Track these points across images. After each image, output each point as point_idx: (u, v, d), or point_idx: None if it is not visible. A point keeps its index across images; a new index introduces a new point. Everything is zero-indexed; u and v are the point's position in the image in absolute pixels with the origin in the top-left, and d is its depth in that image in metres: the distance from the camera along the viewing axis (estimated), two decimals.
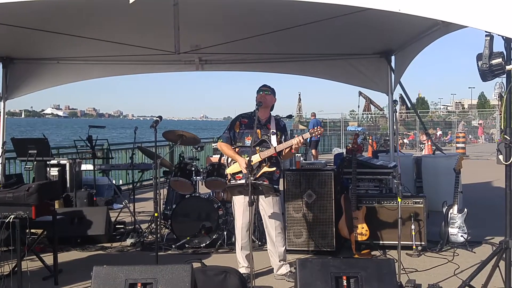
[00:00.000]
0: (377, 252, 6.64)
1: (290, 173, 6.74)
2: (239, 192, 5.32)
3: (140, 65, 9.10)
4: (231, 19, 6.80)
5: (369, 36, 7.49)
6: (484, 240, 7.12)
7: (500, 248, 4.59)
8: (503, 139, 4.53)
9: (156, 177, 6.03)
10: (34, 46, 7.88)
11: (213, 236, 6.97)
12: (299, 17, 6.36)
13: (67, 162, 9.87)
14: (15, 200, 5.08)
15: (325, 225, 6.59)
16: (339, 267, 4.22)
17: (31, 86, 8.93)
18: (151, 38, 7.43)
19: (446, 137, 34.44)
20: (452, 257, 6.42)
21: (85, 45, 7.59)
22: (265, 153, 5.60)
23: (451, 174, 7.10)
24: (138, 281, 4.01)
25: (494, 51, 4.21)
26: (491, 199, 10.39)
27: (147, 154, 8.91)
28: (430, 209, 7.18)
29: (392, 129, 9.09)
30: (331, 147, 29.21)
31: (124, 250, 7.03)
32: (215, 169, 7.20)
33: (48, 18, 6.40)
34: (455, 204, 6.89)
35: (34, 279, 5.31)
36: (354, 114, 47.36)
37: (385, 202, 6.78)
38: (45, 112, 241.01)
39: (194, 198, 7.29)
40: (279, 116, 6.22)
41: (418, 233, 6.63)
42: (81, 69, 9.05)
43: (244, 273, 5.43)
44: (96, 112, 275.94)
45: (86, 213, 7.37)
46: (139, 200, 10.14)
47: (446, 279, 5.53)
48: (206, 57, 8.70)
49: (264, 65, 9.20)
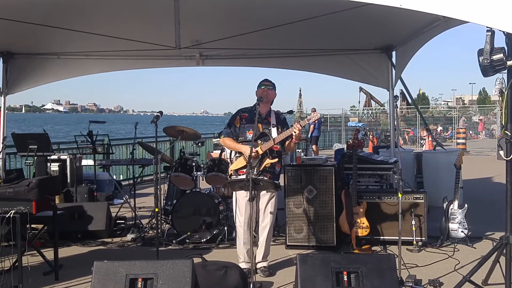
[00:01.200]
0: (377, 248, 6.64)
1: (290, 168, 6.73)
2: (239, 187, 5.32)
3: (140, 60, 9.10)
4: (231, 14, 6.78)
5: (370, 31, 7.48)
6: (484, 236, 7.12)
7: (501, 243, 4.60)
8: (504, 135, 4.53)
9: (157, 173, 6.03)
10: (34, 41, 7.87)
11: (213, 231, 6.97)
12: (300, 12, 6.35)
13: (68, 157, 9.87)
14: (16, 195, 5.08)
15: (325, 221, 6.59)
16: (339, 263, 4.23)
17: (31, 81, 8.92)
18: (151, 33, 7.42)
19: (447, 133, 34.41)
20: (453, 252, 6.42)
21: (86, 40, 7.58)
22: (266, 146, 5.60)
23: (452, 170, 7.09)
24: (139, 276, 4.02)
25: (495, 47, 4.21)
26: (492, 195, 10.38)
27: (148, 149, 8.91)
28: (431, 204, 7.19)
29: (393, 124, 9.09)
30: (332, 143, 29.20)
31: (125, 245, 7.03)
32: (215, 165, 7.19)
33: (48, 13, 6.40)
34: (455, 200, 6.89)
35: (34, 274, 5.31)
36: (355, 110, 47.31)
37: (386, 198, 6.78)
38: (45, 107, 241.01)
39: (194, 194, 7.29)
40: (280, 112, 6.22)
41: (419, 228, 6.63)
42: (81, 64, 9.04)
43: (244, 268, 5.44)
44: (97, 107, 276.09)
45: (86, 208, 7.38)
46: (140, 195, 10.14)
47: (446, 275, 5.53)
48: (206, 52, 8.68)
49: (265, 60, 9.19)
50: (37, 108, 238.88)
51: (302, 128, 5.55)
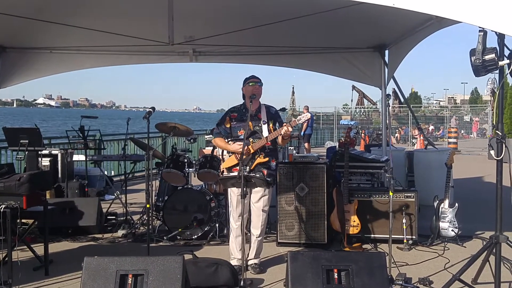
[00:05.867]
0: (368, 246, 6.66)
1: (282, 166, 6.74)
2: (231, 184, 5.32)
3: (133, 56, 9.06)
4: (225, 11, 6.78)
5: (363, 30, 7.50)
6: (474, 235, 7.16)
7: (491, 242, 4.62)
8: (495, 135, 4.55)
9: (148, 169, 6.02)
10: (26, 35, 7.82)
11: (205, 228, 6.97)
12: (294, 10, 6.35)
13: (59, 152, 9.83)
14: (6, 189, 5.06)
15: (317, 218, 6.61)
16: (330, 260, 4.25)
17: (23, 76, 8.88)
18: (145, 29, 7.39)
19: (438, 132, 34.59)
20: (443, 251, 6.46)
21: (79, 35, 7.54)
22: (256, 145, 5.60)
23: (443, 169, 7.12)
24: (129, 272, 4.02)
25: (487, 47, 4.23)
26: (482, 194, 10.44)
27: (140, 145, 8.88)
28: (422, 203, 7.22)
29: (385, 123, 9.11)
30: (324, 141, 29.27)
31: (116, 241, 7.01)
32: (207, 161, 7.18)
33: (41, 7, 6.36)
34: (446, 199, 6.92)
35: (24, 270, 5.29)
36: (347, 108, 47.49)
37: (377, 196, 6.81)
38: (37, 102, 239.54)
39: (186, 190, 7.28)
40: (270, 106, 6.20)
41: (409, 227, 6.66)
42: (74, 59, 9.00)
43: (235, 265, 5.44)
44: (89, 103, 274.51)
45: (77, 203, 7.35)
46: (131, 191, 10.12)
47: (436, 273, 5.56)
48: (200, 48, 8.66)
49: (258, 57, 9.19)
50: (29, 103, 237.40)
51: (292, 128, 5.56)
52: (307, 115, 5.79)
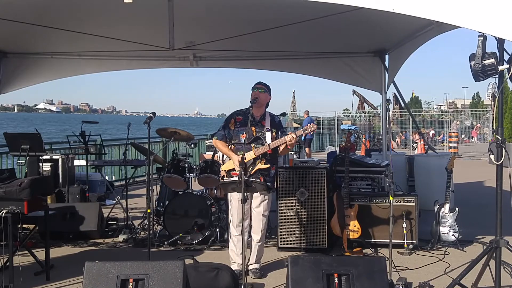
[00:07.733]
0: (368, 250, 6.66)
1: (283, 170, 6.75)
2: (232, 189, 5.32)
3: (134, 61, 9.09)
4: (226, 16, 6.80)
5: (363, 35, 7.51)
6: (475, 239, 7.16)
7: (491, 247, 4.62)
8: (495, 139, 4.56)
9: (149, 174, 6.02)
10: (28, 41, 7.85)
11: (205, 233, 6.97)
12: (294, 15, 6.37)
13: (60, 157, 9.83)
14: (7, 195, 5.07)
15: (317, 223, 6.61)
16: (330, 265, 4.25)
17: (24, 81, 8.90)
18: (145, 34, 7.42)
19: (439, 137, 34.59)
20: (443, 255, 6.46)
21: (80, 40, 7.57)
22: (260, 150, 5.61)
23: (443, 173, 7.13)
24: (130, 277, 4.02)
25: (487, 52, 4.24)
26: (482, 199, 10.44)
27: (140, 150, 8.89)
28: (422, 207, 7.21)
29: (385, 128, 9.12)
30: (325, 145, 29.24)
31: (116, 246, 7.02)
32: (208, 166, 7.20)
33: (42, 13, 6.38)
34: (446, 203, 6.92)
35: (25, 275, 5.29)
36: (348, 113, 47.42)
37: (377, 201, 6.81)
38: (38, 107, 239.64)
39: (187, 195, 7.29)
40: (275, 114, 6.23)
41: (410, 231, 6.66)
42: (75, 64, 9.02)
43: (236, 269, 5.45)
44: (90, 108, 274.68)
45: (78, 208, 7.36)
46: (132, 196, 10.13)
47: (436, 278, 5.56)
48: (200, 53, 8.69)
49: (259, 62, 9.21)
50: (30, 108, 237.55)
51: (297, 138, 5.57)
52: (313, 127, 5.78)
